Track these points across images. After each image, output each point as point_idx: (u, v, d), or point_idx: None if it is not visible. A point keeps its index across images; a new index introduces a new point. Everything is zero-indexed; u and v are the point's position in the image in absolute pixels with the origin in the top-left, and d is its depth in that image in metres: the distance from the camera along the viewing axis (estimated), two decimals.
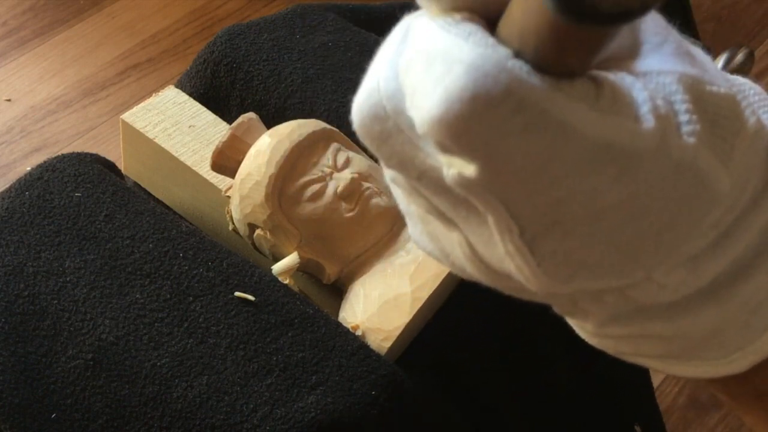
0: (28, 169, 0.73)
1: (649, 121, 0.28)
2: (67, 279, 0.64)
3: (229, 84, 0.80)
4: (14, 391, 0.61)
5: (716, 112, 0.30)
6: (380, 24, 0.88)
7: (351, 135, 0.71)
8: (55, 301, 0.63)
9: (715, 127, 0.30)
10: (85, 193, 0.69)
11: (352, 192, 0.66)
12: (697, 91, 0.30)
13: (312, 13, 0.85)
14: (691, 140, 0.29)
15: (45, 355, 0.62)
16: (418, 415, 0.63)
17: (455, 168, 0.28)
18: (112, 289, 0.64)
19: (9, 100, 1.67)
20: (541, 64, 0.27)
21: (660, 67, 0.30)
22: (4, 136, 1.61)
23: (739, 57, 0.82)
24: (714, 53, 0.86)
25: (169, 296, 0.63)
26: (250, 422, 0.58)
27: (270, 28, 0.82)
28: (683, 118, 0.29)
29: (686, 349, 0.34)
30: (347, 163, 0.68)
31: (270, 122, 0.71)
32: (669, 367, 0.35)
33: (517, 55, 0.27)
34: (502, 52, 0.27)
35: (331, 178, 0.67)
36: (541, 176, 0.27)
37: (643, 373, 0.90)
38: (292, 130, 0.68)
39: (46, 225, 0.67)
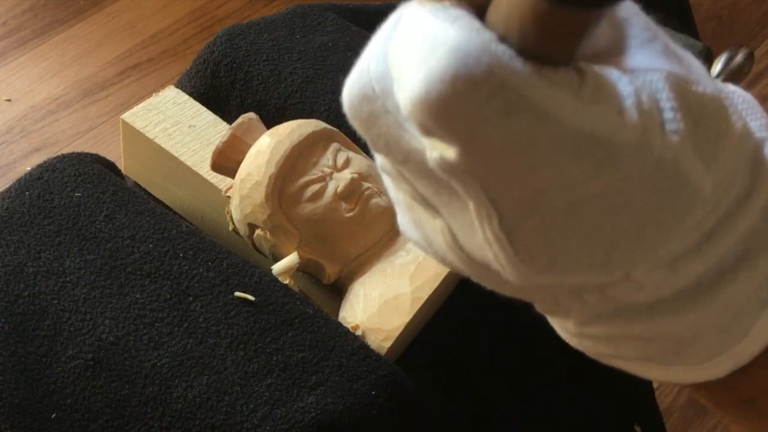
0: (28, 169, 0.73)
1: (632, 115, 0.28)
2: (67, 279, 0.64)
3: (229, 84, 0.80)
4: (14, 391, 0.61)
5: (701, 112, 0.30)
6: (380, 24, 0.88)
7: (351, 135, 0.71)
8: (55, 301, 0.63)
9: (699, 127, 0.30)
10: (85, 193, 0.69)
11: (352, 192, 0.66)
12: (682, 90, 0.30)
13: (312, 13, 0.85)
14: (674, 138, 0.29)
15: (45, 355, 0.62)
16: (418, 415, 0.63)
17: (437, 151, 0.28)
18: (112, 289, 0.64)
19: (9, 100, 1.67)
20: (525, 51, 0.27)
21: (648, 65, 0.30)
22: (4, 136, 1.62)
23: (739, 57, 0.82)
24: (714, 53, 0.86)
25: (169, 296, 0.63)
26: (250, 422, 0.58)
27: (270, 28, 0.82)
28: (668, 116, 0.29)
29: (666, 353, 0.33)
30: (347, 163, 0.68)
31: (270, 122, 0.71)
32: (649, 372, 0.35)
33: (502, 40, 0.27)
34: (486, 36, 0.27)
35: (331, 178, 0.67)
36: (521, 163, 0.28)
37: None
38: (292, 130, 0.68)
39: (46, 225, 0.67)
